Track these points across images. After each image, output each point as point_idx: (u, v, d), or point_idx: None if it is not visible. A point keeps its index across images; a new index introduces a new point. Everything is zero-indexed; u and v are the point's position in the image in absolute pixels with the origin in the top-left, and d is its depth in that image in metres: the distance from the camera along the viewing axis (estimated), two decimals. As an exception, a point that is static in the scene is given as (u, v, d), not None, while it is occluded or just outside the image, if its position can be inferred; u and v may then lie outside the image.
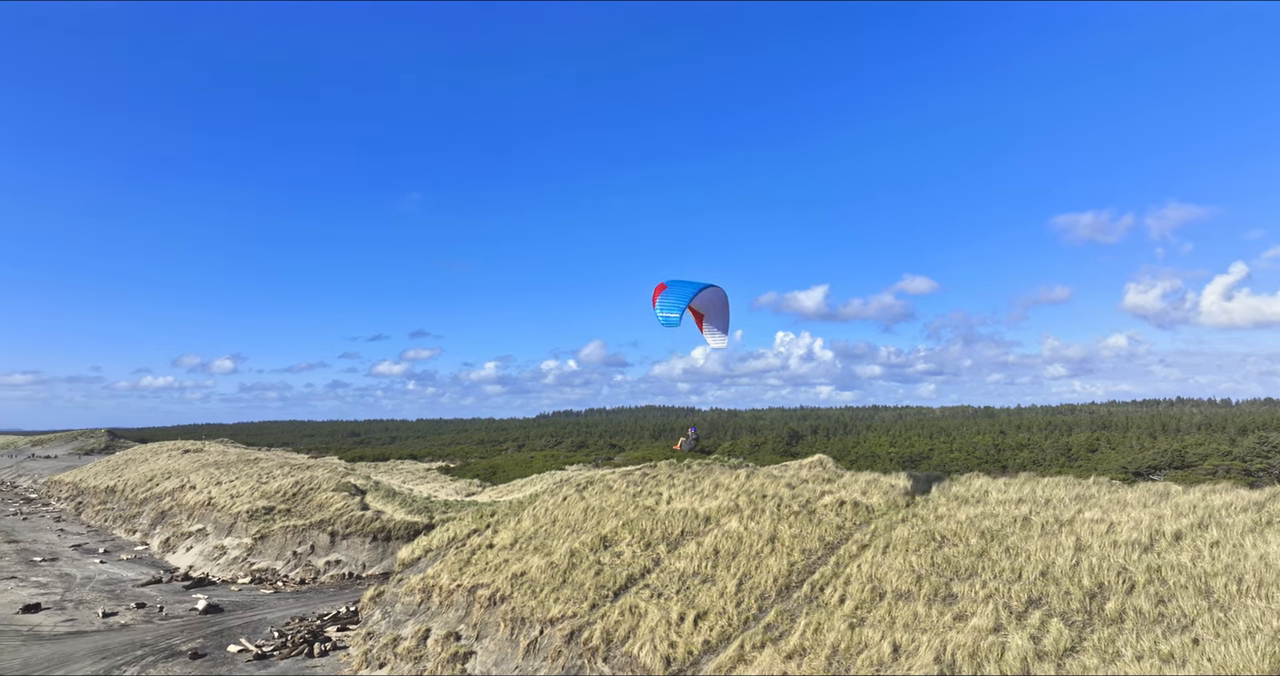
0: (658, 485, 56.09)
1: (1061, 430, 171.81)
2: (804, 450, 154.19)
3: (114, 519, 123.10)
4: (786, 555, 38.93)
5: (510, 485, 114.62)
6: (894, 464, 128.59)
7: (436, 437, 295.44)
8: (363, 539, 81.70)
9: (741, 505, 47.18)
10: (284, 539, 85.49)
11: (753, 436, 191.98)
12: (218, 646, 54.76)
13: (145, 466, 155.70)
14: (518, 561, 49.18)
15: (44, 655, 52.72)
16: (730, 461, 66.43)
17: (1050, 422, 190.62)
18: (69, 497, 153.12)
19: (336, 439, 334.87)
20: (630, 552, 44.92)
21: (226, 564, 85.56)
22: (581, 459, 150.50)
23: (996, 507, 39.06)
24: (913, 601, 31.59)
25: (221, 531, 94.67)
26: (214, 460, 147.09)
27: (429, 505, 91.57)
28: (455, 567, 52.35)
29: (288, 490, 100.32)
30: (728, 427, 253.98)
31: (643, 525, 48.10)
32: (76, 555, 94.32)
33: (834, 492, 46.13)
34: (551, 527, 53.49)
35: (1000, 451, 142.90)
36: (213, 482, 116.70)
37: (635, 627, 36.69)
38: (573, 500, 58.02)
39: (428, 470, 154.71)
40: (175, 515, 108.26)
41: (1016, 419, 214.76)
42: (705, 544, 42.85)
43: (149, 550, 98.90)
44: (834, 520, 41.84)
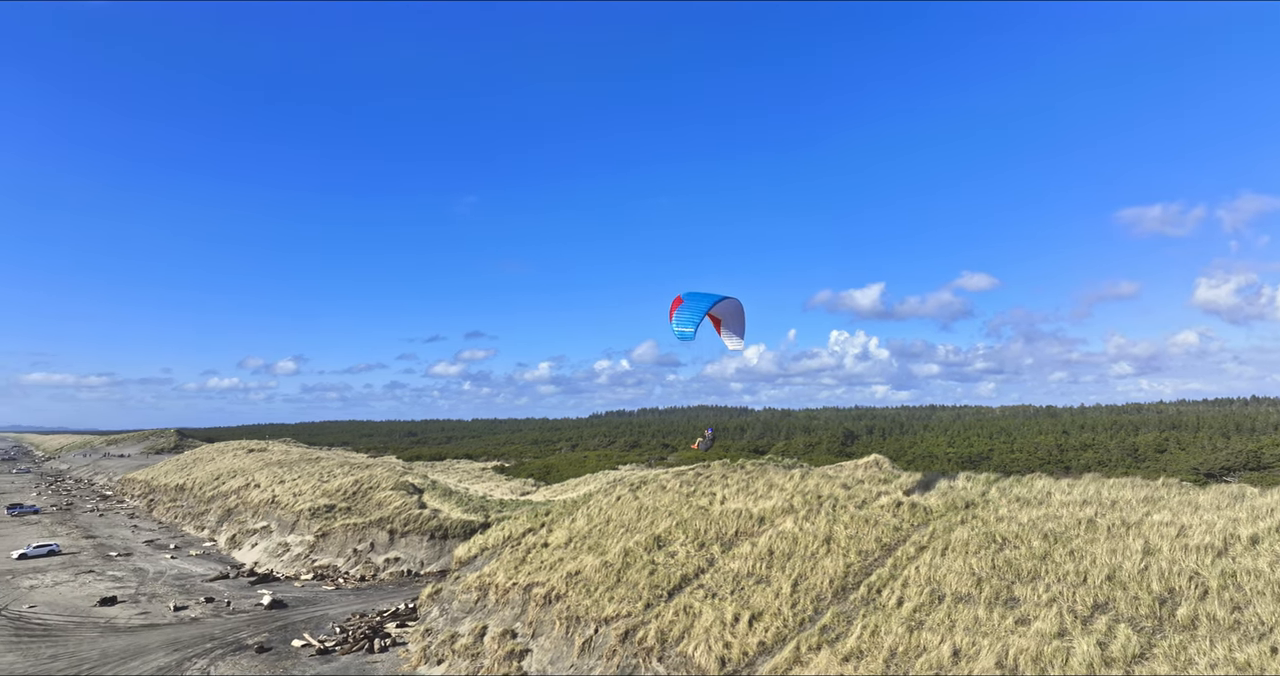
0: (711, 485, 55.92)
1: (1128, 430, 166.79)
2: (859, 450, 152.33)
3: (183, 516, 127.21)
4: (842, 556, 38.51)
5: (564, 484, 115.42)
6: (952, 464, 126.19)
7: (491, 437, 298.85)
8: (420, 537, 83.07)
9: (796, 505, 46.78)
10: (344, 536, 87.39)
11: (807, 436, 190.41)
12: (282, 641, 56.23)
13: (212, 465, 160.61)
14: (572, 560, 49.49)
15: (120, 646, 54.77)
16: (784, 461, 65.88)
17: (1116, 422, 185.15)
18: (141, 495, 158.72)
19: (394, 438, 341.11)
20: (684, 552, 44.87)
21: (290, 560, 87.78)
22: (634, 458, 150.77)
23: (1060, 509, 38.09)
24: (973, 604, 30.98)
25: (285, 529, 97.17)
26: (277, 459, 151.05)
27: (485, 504, 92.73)
28: (511, 566, 52.91)
29: (348, 489, 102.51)
30: (781, 427, 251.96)
31: (696, 525, 48.01)
32: (149, 550, 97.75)
33: (890, 493, 45.45)
34: (605, 527, 53.71)
35: (1063, 452, 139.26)
36: (276, 481, 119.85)
37: (690, 628, 36.65)
38: (626, 500, 58.17)
39: (483, 469, 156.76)
40: (241, 512, 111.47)
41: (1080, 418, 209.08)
42: (759, 544, 42.61)
43: (216, 546, 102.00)
44: (891, 521, 41.25)
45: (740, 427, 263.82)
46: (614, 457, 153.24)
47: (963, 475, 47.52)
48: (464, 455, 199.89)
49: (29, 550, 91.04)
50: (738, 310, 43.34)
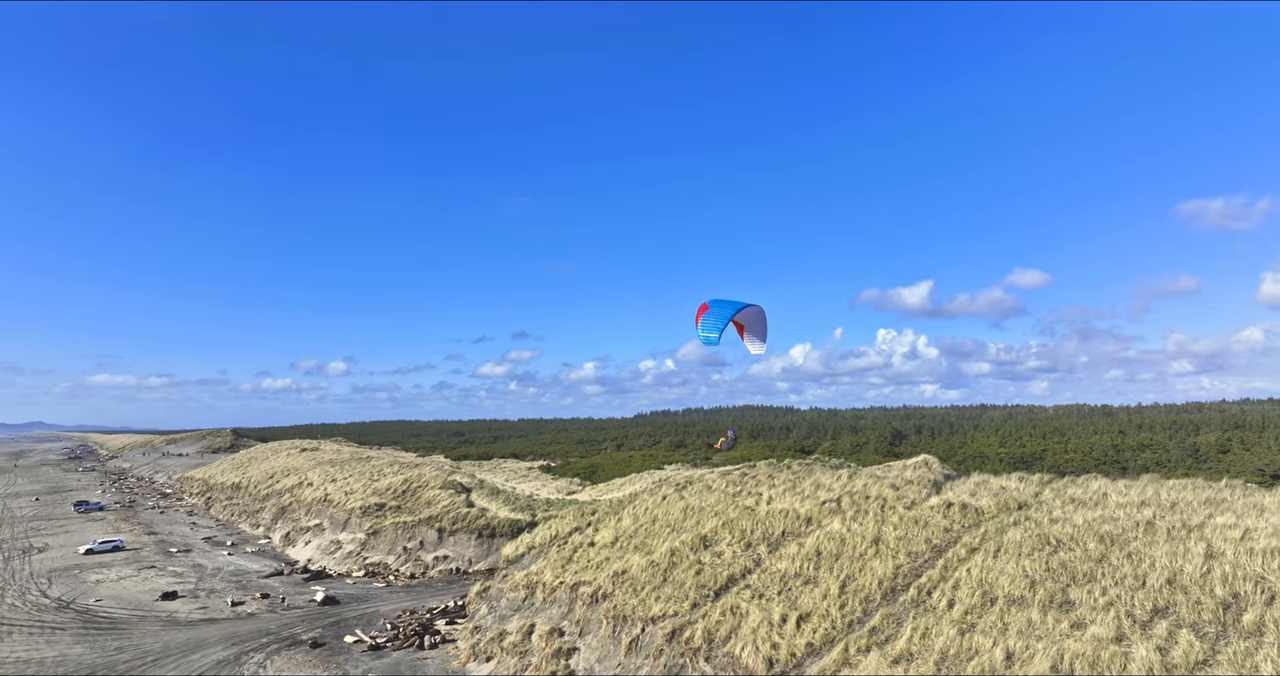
0: (757, 485, 55.69)
1: (1188, 430, 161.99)
2: (908, 450, 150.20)
3: (239, 513, 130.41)
4: (891, 557, 38.07)
5: (610, 484, 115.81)
6: (1004, 465, 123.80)
7: (537, 437, 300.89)
8: (469, 535, 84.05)
9: (844, 506, 46.37)
10: (395, 534, 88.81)
11: (854, 436, 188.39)
12: (335, 636, 57.35)
13: (266, 464, 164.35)
14: (619, 559, 49.66)
15: (181, 639, 56.38)
16: (831, 461, 65.33)
17: (1175, 422, 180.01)
18: (199, 493, 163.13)
19: (442, 438, 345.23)
20: (730, 552, 44.76)
21: (342, 558, 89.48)
22: (680, 458, 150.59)
23: (1117, 511, 37.18)
24: (1026, 607, 30.40)
25: (337, 526, 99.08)
26: (329, 458, 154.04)
27: (531, 503, 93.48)
28: (558, 564, 53.27)
29: (398, 487, 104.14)
30: (828, 427, 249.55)
31: (743, 525, 47.85)
32: (207, 547, 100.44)
33: (941, 494, 44.83)
34: (651, 526, 53.79)
35: (1120, 452, 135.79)
36: (328, 480, 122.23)
37: (737, 628, 36.54)
38: (672, 499, 58.19)
39: (529, 469, 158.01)
40: (294, 510, 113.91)
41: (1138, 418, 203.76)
42: (807, 545, 42.33)
43: (271, 543, 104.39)
44: (941, 522, 40.67)
45: (786, 427, 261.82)
46: (659, 457, 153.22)
47: (1015, 476, 46.73)
48: (510, 454, 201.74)
49: (95, 545, 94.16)
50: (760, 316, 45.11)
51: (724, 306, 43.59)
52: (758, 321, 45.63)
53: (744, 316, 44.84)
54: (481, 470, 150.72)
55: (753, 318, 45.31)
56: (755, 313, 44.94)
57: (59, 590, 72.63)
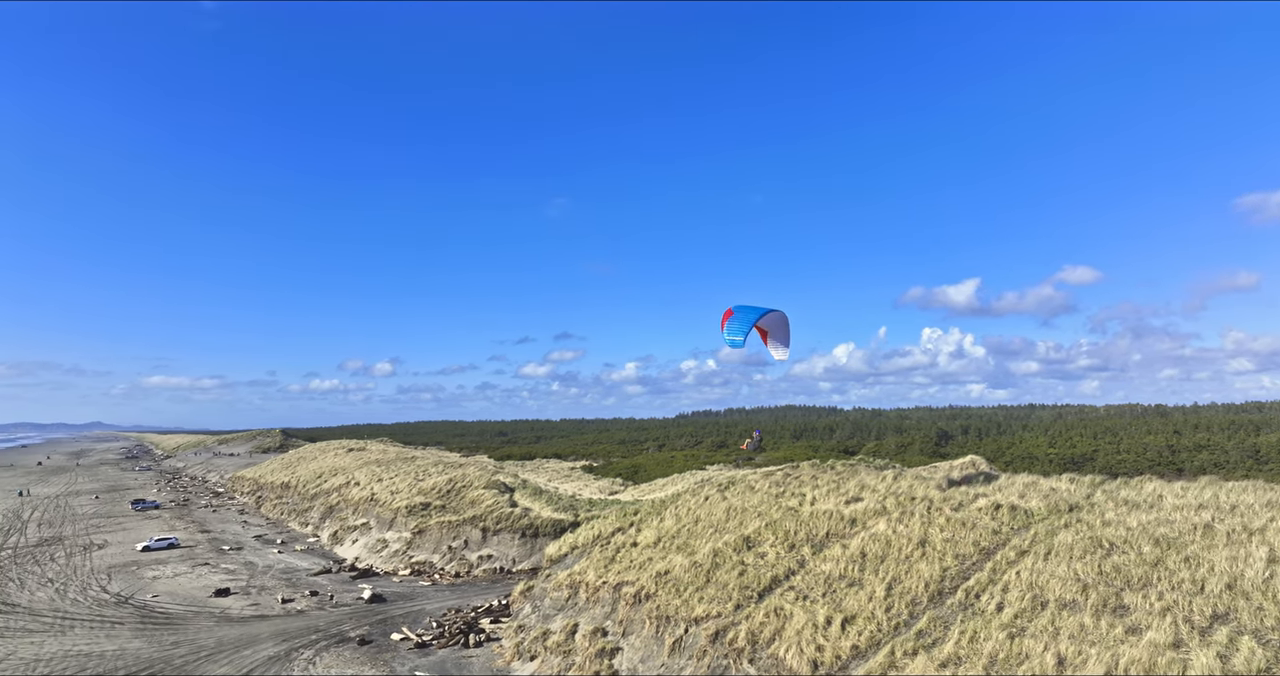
0: (801, 486, 55.29)
1: (1248, 430, 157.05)
2: (954, 451, 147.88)
3: (289, 512, 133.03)
4: (938, 560, 37.54)
5: (652, 484, 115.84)
6: (1054, 466, 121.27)
7: (579, 437, 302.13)
8: (512, 535, 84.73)
9: (889, 507, 45.84)
10: (440, 533, 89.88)
11: (899, 436, 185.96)
12: (382, 634, 58.20)
13: (315, 464, 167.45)
14: (661, 560, 49.67)
15: (234, 635, 57.69)
16: (876, 462, 64.61)
17: (1234, 422, 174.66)
18: (250, 492, 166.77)
19: (485, 438, 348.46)
20: (774, 553, 44.51)
21: (388, 556, 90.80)
22: (722, 459, 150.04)
23: (1172, 513, 36.21)
24: (1079, 611, 29.76)
25: (383, 525, 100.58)
26: (375, 458, 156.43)
27: (574, 503, 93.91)
28: (601, 564, 53.44)
29: (442, 487, 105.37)
30: (872, 427, 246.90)
31: (786, 526, 47.55)
32: (258, 545, 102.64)
33: (989, 496, 44.10)
34: (694, 527, 53.70)
35: (1175, 453, 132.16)
36: (374, 479, 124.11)
37: (781, 629, 36.32)
38: (715, 500, 58.04)
39: (571, 469, 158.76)
40: (341, 509, 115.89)
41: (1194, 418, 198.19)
42: (851, 546, 41.93)
43: (319, 542, 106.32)
44: (989, 524, 39.99)
45: (829, 427, 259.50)
46: (701, 458, 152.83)
47: (1065, 477, 45.81)
48: (553, 454, 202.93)
49: (151, 543, 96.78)
50: (783, 322, 46.60)
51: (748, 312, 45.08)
52: (781, 327, 46.88)
53: (767, 322, 46.26)
54: (524, 470, 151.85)
55: (776, 323, 46.59)
56: (778, 318, 46.27)
57: (118, 586, 74.79)
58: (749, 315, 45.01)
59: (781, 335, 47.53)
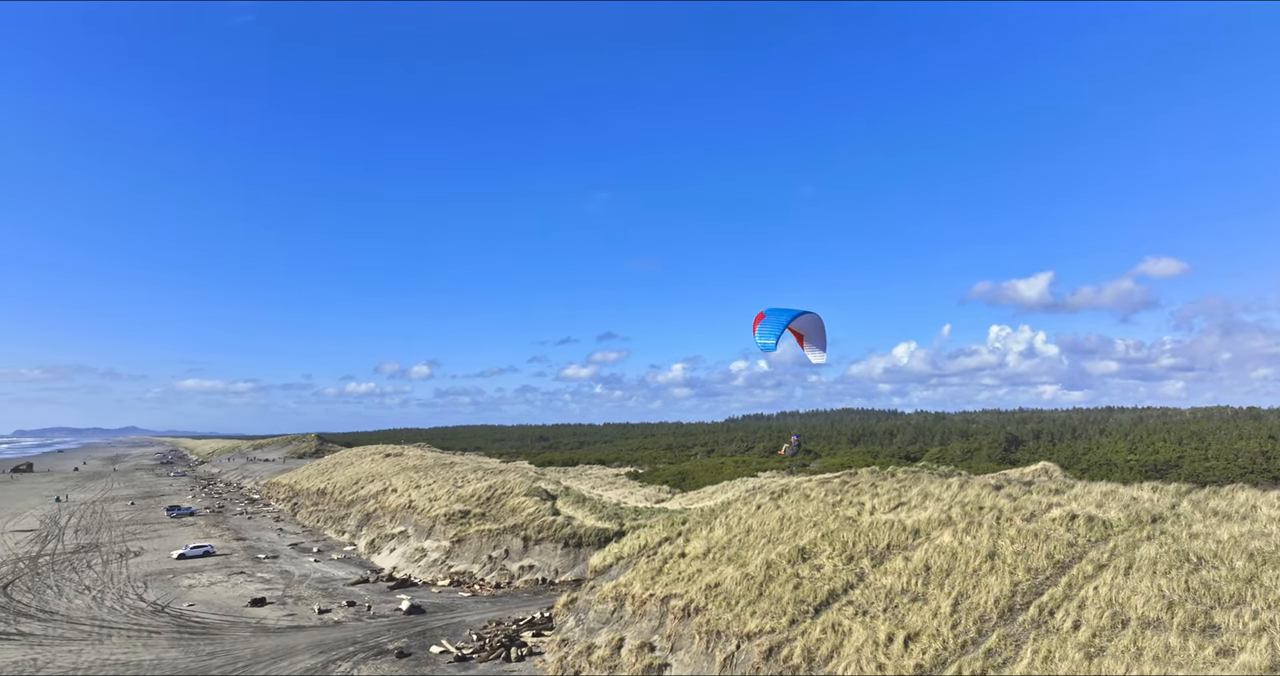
0: (859, 494, 54.77)
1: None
2: (1025, 457, 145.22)
3: (325, 519, 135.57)
4: (1009, 574, 36.90)
5: (700, 492, 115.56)
6: (1134, 473, 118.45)
7: (624, 442, 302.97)
8: (554, 544, 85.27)
9: (954, 517, 45.19)
10: (479, 543, 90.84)
11: (964, 442, 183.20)
12: (421, 646, 59.03)
13: (351, 469, 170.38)
14: (711, 572, 49.59)
15: (270, 646, 59.02)
16: (939, 469, 63.72)
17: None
18: (285, 498, 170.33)
19: (526, 443, 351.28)
20: (831, 566, 44.16)
21: (426, 566, 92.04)
22: (774, 465, 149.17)
23: (1268, 525, 35.10)
24: (1163, 631, 29.01)
25: (421, 534, 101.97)
26: (413, 464, 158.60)
27: (619, 511, 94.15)
28: (647, 576, 53.53)
29: (481, 494, 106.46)
30: (935, 432, 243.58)
31: (844, 537, 47.15)
32: (294, 553, 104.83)
33: (1063, 505, 43.22)
34: (745, 537, 53.52)
35: (1270, 460, 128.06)
36: (412, 486, 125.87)
37: (839, 647, 36.02)
38: (767, 509, 57.77)
39: (616, 475, 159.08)
40: (379, 517, 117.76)
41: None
42: (914, 559, 41.42)
43: (356, 550, 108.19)
44: (1064, 536, 39.19)
45: (889, 432, 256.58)
46: (752, 464, 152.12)
47: (1147, 485, 44.70)
48: (596, 460, 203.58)
49: (187, 551, 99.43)
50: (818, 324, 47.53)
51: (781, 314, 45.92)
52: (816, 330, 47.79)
53: (801, 324, 47.11)
54: (566, 477, 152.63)
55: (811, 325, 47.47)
56: (813, 320, 47.14)
57: (154, 594, 76.98)
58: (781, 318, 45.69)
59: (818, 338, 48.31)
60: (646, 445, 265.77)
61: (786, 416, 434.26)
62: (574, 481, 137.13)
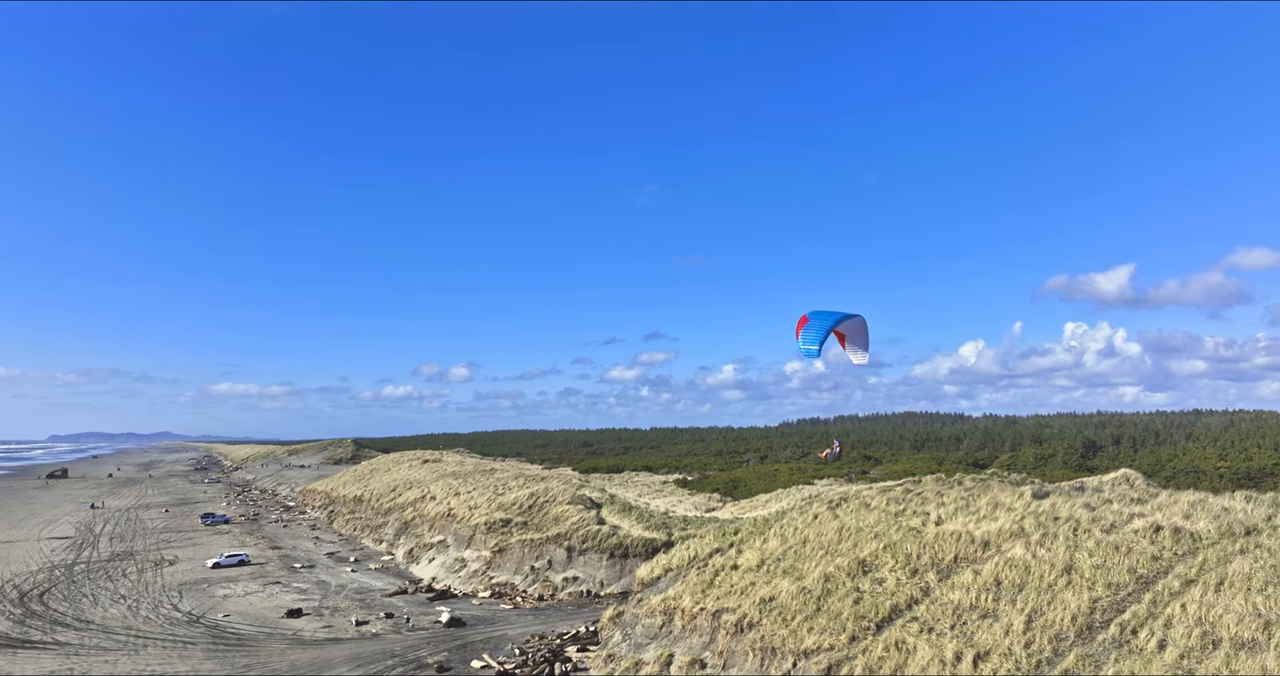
0: (924, 503, 54.20)
1: None
2: (1103, 464, 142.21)
3: (362, 528, 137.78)
4: (1087, 589, 36.21)
5: (753, 501, 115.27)
6: (1225, 482, 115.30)
7: (672, 448, 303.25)
8: (600, 555, 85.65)
9: (1028, 528, 44.50)
10: (521, 553, 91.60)
11: (1038, 447, 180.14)
12: (461, 661, 59.72)
13: (388, 476, 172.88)
14: (765, 585, 49.43)
15: (306, 659, 60.18)
16: (1011, 477, 62.74)
17: None
18: (321, 506, 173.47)
19: (569, 449, 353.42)
20: (894, 580, 43.76)
21: (467, 577, 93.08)
22: (832, 472, 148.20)
23: (1375, 539, 34.01)
24: (1259, 652, 28.24)
25: (461, 543, 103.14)
26: (452, 470, 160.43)
27: (667, 521, 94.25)
28: (697, 589, 53.52)
29: (523, 502, 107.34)
30: (1006, 437, 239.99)
31: (907, 549, 46.70)
32: (330, 563, 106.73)
33: (1146, 516, 42.31)
34: (802, 549, 53.27)
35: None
36: (451, 493, 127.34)
37: (903, 665, 35.68)
38: (825, 518, 57.43)
39: (664, 483, 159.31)
40: (417, 526, 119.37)
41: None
42: (984, 573, 40.86)
43: (394, 560, 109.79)
44: (1147, 549, 38.35)
45: (955, 437, 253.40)
46: (808, 471, 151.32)
47: (1240, 495, 43.56)
48: (643, 467, 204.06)
49: (222, 559, 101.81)
50: (861, 327, 49.50)
51: (824, 318, 47.51)
52: (859, 331, 49.70)
53: (845, 327, 48.89)
54: (612, 484, 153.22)
55: (854, 328, 49.30)
56: (857, 323, 48.99)
57: (189, 604, 78.95)
58: (824, 321, 47.14)
59: (860, 339, 50.21)
60: (695, 450, 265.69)
61: (844, 420, 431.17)
62: (620, 489, 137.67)
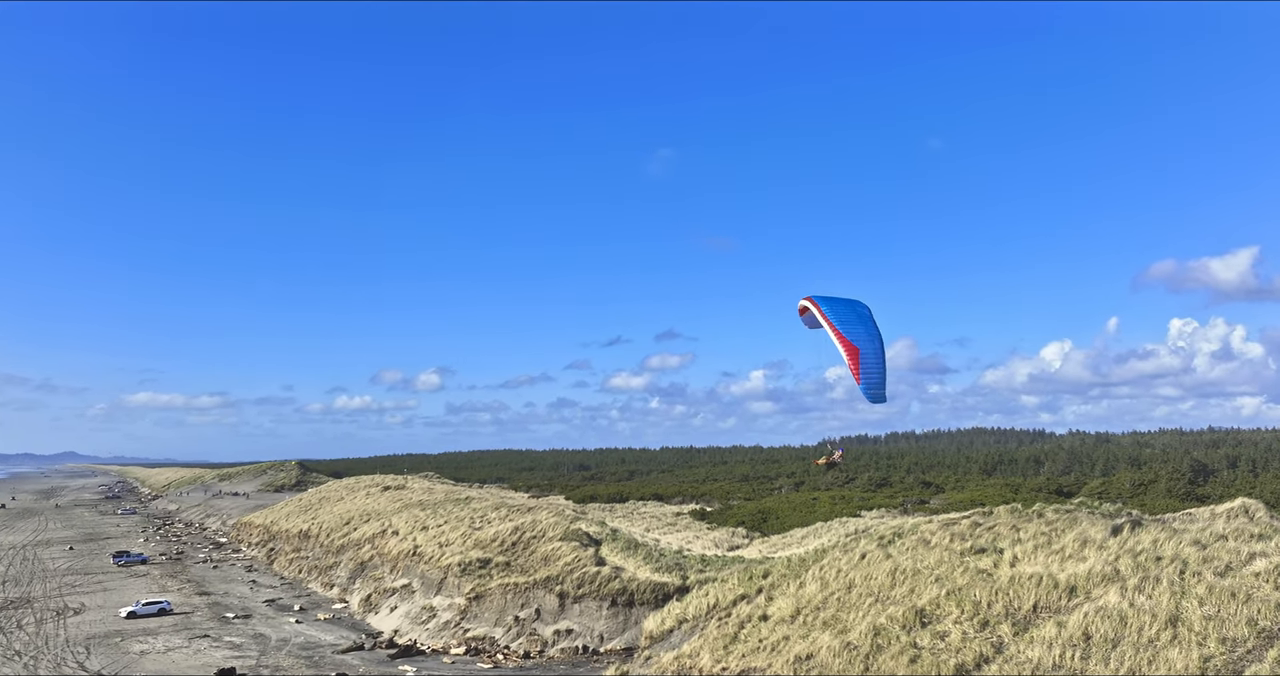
0: (996, 539, 54.14)
1: None
2: (1217, 492, 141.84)
3: (308, 569, 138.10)
4: (1197, 645, 36.13)
5: (787, 536, 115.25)
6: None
7: (687, 472, 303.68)
8: (599, 602, 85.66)
9: (1123, 571, 44.45)
10: (503, 600, 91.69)
11: (1135, 471, 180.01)
12: (430, 731, 59.85)
13: (341, 506, 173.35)
14: (802, 639, 49.39)
15: (241, 729, 60.33)
16: (1102, 507, 62.66)
17: None
18: (260, 543, 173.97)
19: (562, 473, 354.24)
20: (959, 633, 43.72)
21: (436, 629, 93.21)
22: (884, 502, 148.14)
23: None
24: None
25: (429, 588, 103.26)
26: (418, 499, 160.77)
27: (681, 561, 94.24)
28: (719, 645, 53.50)
29: (506, 538, 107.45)
30: (1096, 458, 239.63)
31: (975, 595, 46.66)
32: (270, 612, 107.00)
33: (1270, 555, 42.23)
34: (846, 595, 53.22)
35: None
36: (418, 527, 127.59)
37: (970, 739, 35.61)
38: (874, 558, 57.37)
39: (677, 515, 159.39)
40: (376, 567, 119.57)
41: None
42: (1069, 625, 40.83)
43: (348, 609, 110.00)
44: (1272, 596, 38.27)
45: (1035, 459, 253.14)
46: (854, 500, 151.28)
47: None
48: (652, 495, 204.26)
49: (138, 608, 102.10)
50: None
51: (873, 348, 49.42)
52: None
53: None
54: (614, 516, 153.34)
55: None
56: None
57: (98, 661, 79.20)
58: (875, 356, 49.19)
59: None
60: (716, 475, 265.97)
61: (899, 438, 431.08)
62: (624, 522, 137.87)
